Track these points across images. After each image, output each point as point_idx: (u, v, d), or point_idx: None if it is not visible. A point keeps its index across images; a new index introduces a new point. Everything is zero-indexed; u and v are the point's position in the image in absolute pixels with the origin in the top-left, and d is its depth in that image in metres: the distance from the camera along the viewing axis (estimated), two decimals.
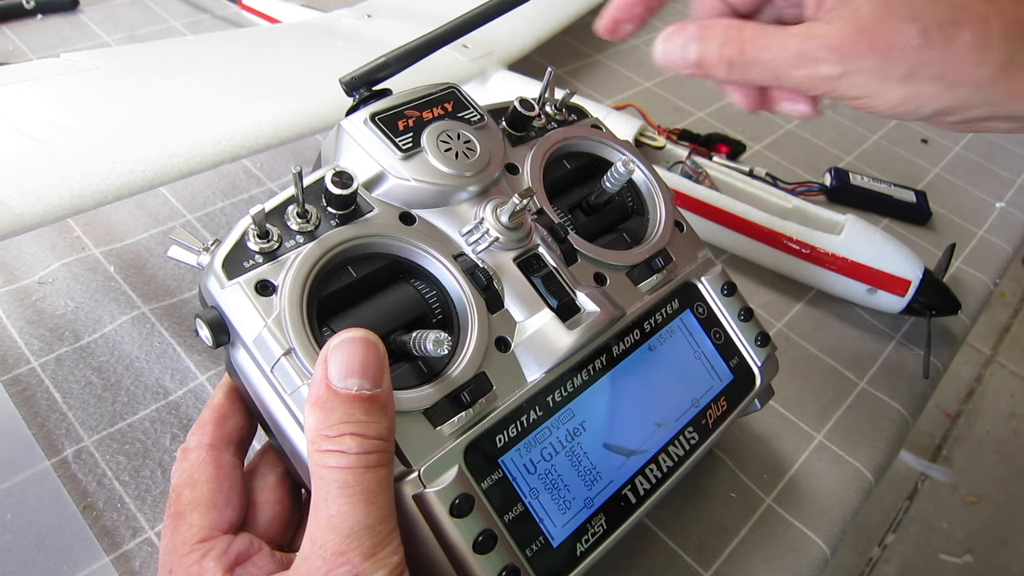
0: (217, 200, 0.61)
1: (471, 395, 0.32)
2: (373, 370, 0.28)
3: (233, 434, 0.34)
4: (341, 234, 0.33)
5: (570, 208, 0.42)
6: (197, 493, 0.32)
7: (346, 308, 0.33)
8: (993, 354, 1.82)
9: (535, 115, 0.42)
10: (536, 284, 0.36)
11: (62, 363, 0.47)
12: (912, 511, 1.48)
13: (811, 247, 0.58)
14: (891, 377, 0.56)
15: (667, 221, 0.43)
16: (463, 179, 0.36)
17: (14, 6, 0.78)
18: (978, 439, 1.63)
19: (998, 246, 0.70)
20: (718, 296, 0.43)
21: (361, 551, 0.27)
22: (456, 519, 0.30)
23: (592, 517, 0.34)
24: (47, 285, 0.52)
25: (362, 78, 0.38)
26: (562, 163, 0.43)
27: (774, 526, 0.45)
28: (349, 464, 0.27)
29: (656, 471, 0.37)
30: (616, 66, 0.87)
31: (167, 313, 0.51)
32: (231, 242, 0.32)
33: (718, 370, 0.42)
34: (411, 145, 0.36)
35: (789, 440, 0.50)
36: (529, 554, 0.32)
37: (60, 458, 0.43)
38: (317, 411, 0.28)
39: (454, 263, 0.35)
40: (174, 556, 0.30)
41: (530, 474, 0.33)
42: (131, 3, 0.84)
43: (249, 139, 0.49)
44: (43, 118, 0.46)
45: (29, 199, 0.40)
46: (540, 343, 0.35)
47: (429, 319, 0.34)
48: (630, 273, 0.40)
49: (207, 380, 0.48)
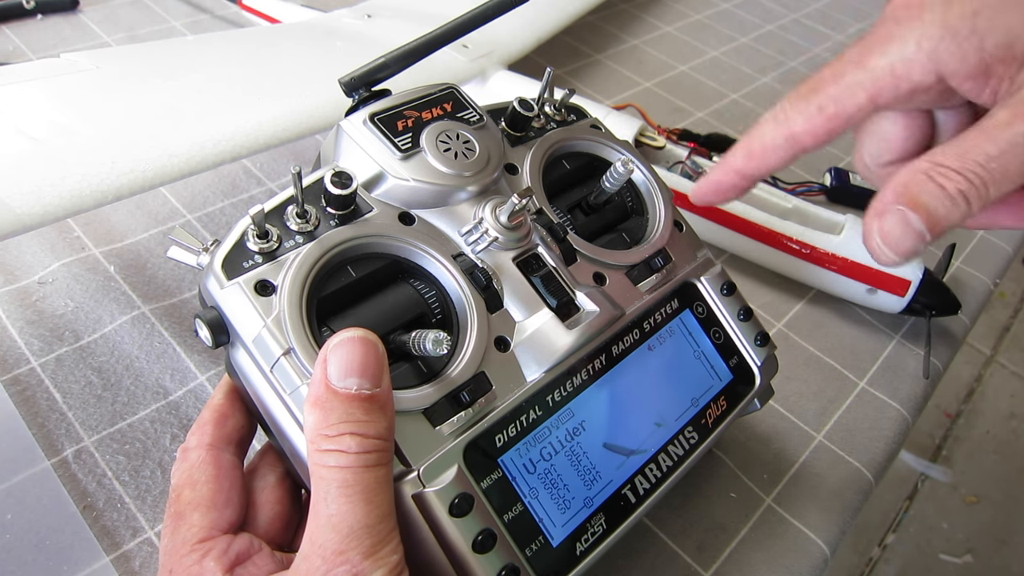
0: (217, 200, 0.61)
1: (470, 395, 0.32)
2: (372, 369, 0.28)
3: (233, 434, 0.34)
4: (340, 234, 0.33)
5: (569, 208, 0.42)
6: (197, 493, 0.32)
7: (345, 308, 0.33)
8: (993, 354, 1.82)
9: (534, 115, 0.42)
10: (535, 284, 0.36)
11: (62, 363, 0.47)
12: (912, 511, 1.48)
13: (811, 247, 0.58)
14: (891, 377, 0.56)
15: (666, 221, 0.43)
16: (462, 179, 0.36)
17: (14, 6, 0.78)
18: (978, 439, 1.62)
19: (998, 246, 0.70)
20: (717, 296, 0.43)
21: (361, 550, 0.27)
22: (455, 518, 0.30)
23: (592, 517, 0.34)
24: (47, 285, 0.52)
25: (361, 79, 0.38)
26: (561, 163, 0.43)
27: (774, 526, 0.45)
28: (349, 463, 0.27)
29: (656, 471, 0.37)
30: (616, 66, 0.87)
31: (167, 313, 0.51)
32: (230, 242, 0.32)
33: (718, 370, 0.42)
34: (410, 145, 0.36)
35: (789, 440, 0.50)
36: (529, 554, 0.32)
37: (60, 458, 0.43)
38: (316, 411, 0.28)
39: (453, 263, 0.35)
40: (174, 556, 0.30)
41: (529, 474, 0.33)
42: (131, 3, 0.84)
43: (249, 139, 0.49)
44: (43, 118, 0.46)
45: (29, 199, 0.40)
46: (539, 343, 0.35)
47: (428, 319, 0.34)
48: (629, 273, 0.40)
49: (207, 380, 0.48)
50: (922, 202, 0.25)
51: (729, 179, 0.32)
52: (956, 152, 0.25)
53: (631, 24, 0.96)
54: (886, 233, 0.26)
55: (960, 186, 0.25)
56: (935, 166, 0.25)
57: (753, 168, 0.31)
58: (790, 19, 1.02)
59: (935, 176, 0.25)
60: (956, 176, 0.25)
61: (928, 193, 0.25)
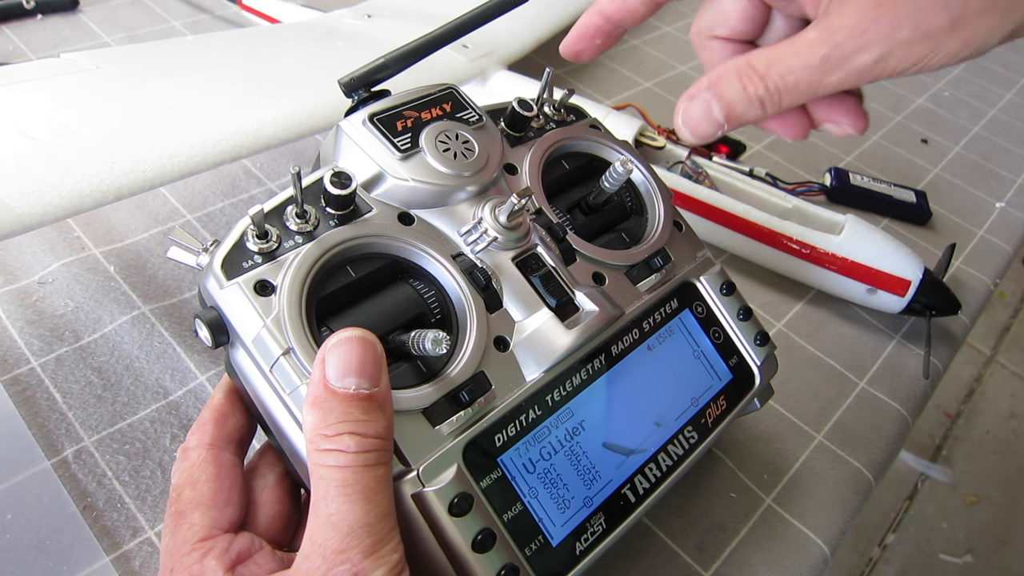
0: (217, 200, 0.61)
1: (470, 394, 0.32)
2: (371, 369, 0.28)
3: (233, 433, 0.34)
4: (340, 234, 0.33)
5: (569, 208, 0.42)
6: (198, 492, 0.32)
7: (345, 308, 0.33)
8: (993, 354, 1.82)
9: (533, 115, 0.42)
10: (535, 283, 0.36)
11: (62, 363, 0.47)
12: (912, 511, 1.48)
13: (811, 247, 0.58)
14: (891, 377, 0.56)
15: (666, 221, 0.43)
16: (461, 179, 0.36)
17: (14, 6, 0.78)
18: (978, 439, 1.62)
19: (998, 246, 0.70)
20: (717, 295, 0.43)
21: (360, 549, 0.27)
22: (455, 518, 0.30)
23: (591, 516, 0.34)
24: (47, 285, 0.52)
25: (361, 79, 0.38)
26: (561, 163, 0.43)
27: (774, 526, 0.45)
28: (348, 463, 0.27)
29: (655, 470, 0.37)
30: (616, 66, 0.87)
31: (167, 313, 0.51)
32: (230, 243, 0.32)
33: (717, 369, 0.42)
34: (409, 145, 0.36)
35: (789, 440, 0.50)
36: (528, 553, 0.32)
37: (60, 458, 0.43)
38: (315, 410, 0.28)
39: (452, 263, 0.35)
40: (175, 555, 0.30)
41: (529, 473, 0.33)
42: (131, 3, 0.84)
43: (249, 139, 0.49)
44: (43, 118, 0.46)
45: (29, 199, 0.40)
46: (539, 342, 0.35)
47: (428, 319, 0.34)
48: (629, 273, 0.40)
49: (207, 380, 0.48)
50: (726, 97, 0.29)
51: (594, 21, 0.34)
52: (766, 60, 0.28)
53: None
54: (690, 116, 0.30)
55: (759, 92, 0.28)
56: (747, 66, 0.29)
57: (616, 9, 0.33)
58: None
59: (742, 77, 0.29)
60: (759, 82, 0.28)
61: (733, 90, 0.29)
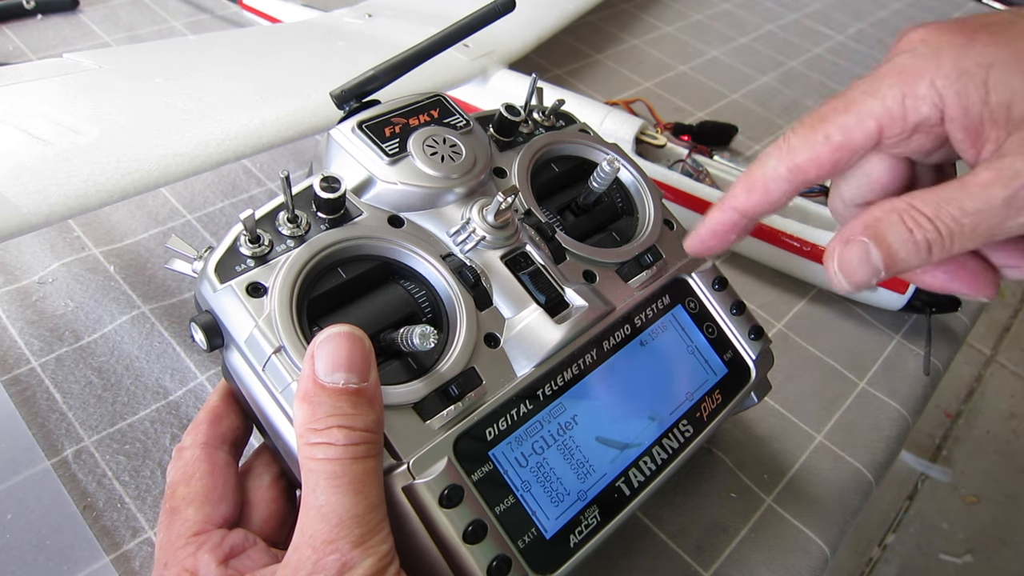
0: (217, 200, 0.61)
1: (460, 389, 0.33)
2: (359, 364, 0.29)
3: (228, 434, 0.35)
4: (330, 236, 0.34)
5: (559, 210, 0.43)
6: (192, 489, 0.32)
7: (336, 308, 0.34)
8: (993, 354, 1.82)
9: (521, 120, 0.42)
10: (524, 281, 0.36)
11: (62, 363, 0.47)
12: (912, 511, 1.48)
13: (812, 244, 0.58)
14: (891, 377, 0.56)
15: (655, 219, 0.44)
16: (449, 181, 0.37)
17: (14, 6, 0.78)
18: (978, 439, 1.62)
19: None
20: (709, 291, 0.43)
21: (350, 540, 0.27)
22: (445, 509, 0.30)
23: (585, 509, 0.35)
24: (47, 285, 0.52)
25: (351, 91, 0.38)
26: (550, 167, 0.44)
27: (774, 526, 0.45)
28: (337, 455, 0.28)
29: (650, 463, 0.37)
30: (616, 66, 0.87)
31: (167, 313, 0.51)
32: (223, 248, 0.33)
33: (712, 364, 0.42)
34: (398, 150, 0.37)
35: (789, 440, 0.50)
36: (521, 545, 0.32)
37: (60, 458, 0.43)
38: (305, 405, 0.28)
39: (442, 263, 0.35)
40: (169, 550, 0.31)
41: (521, 467, 0.33)
42: (131, 3, 0.84)
43: (253, 138, 0.49)
44: (48, 118, 0.47)
45: (35, 199, 0.40)
46: (529, 338, 0.35)
47: (418, 318, 0.35)
48: (619, 270, 0.41)
49: (207, 380, 0.48)
50: (887, 241, 0.26)
51: (728, 217, 0.31)
52: (934, 200, 0.26)
53: (631, 24, 0.96)
54: (845, 261, 0.27)
55: (928, 234, 0.26)
56: (911, 208, 0.26)
57: (754, 203, 0.31)
58: (790, 19, 1.02)
59: (907, 219, 0.26)
60: (927, 224, 0.26)
61: (896, 234, 0.26)
